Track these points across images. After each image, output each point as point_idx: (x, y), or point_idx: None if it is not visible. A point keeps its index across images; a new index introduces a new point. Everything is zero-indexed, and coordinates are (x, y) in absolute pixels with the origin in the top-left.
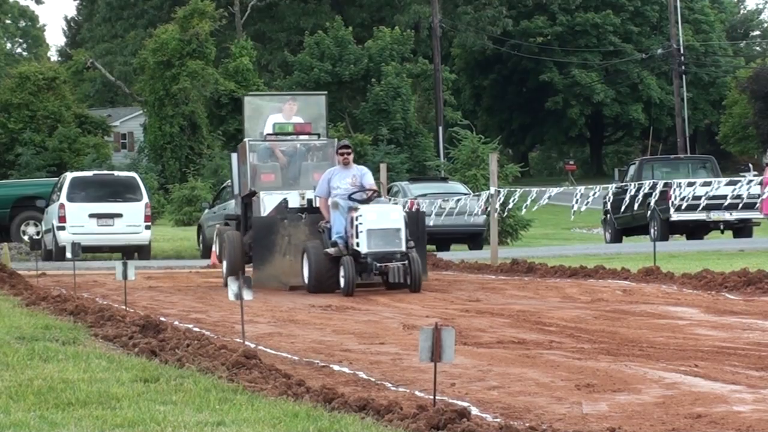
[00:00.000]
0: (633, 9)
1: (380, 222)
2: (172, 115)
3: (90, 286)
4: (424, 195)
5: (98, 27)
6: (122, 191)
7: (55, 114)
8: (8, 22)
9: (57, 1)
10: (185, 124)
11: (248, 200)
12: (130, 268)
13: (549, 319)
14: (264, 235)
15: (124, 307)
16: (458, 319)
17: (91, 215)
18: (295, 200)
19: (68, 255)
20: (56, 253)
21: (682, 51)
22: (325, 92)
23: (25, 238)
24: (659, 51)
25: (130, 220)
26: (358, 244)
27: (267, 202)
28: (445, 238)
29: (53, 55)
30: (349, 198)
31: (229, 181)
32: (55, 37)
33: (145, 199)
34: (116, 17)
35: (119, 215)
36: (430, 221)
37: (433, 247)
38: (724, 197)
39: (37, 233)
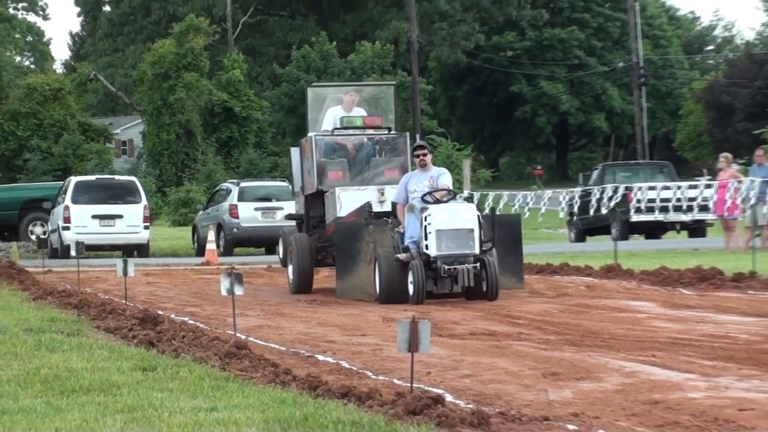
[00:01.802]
0: (596, 25)
1: (450, 222)
2: (169, 124)
3: (93, 282)
4: None
5: (100, 41)
6: (123, 194)
7: (61, 122)
8: (17, 36)
9: (62, 17)
10: (181, 132)
11: (312, 199)
12: (129, 266)
13: (518, 312)
14: (348, 242)
15: (124, 301)
16: (434, 313)
17: (94, 216)
18: (373, 197)
19: (72, 253)
20: (61, 252)
21: (641, 64)
22: (394, 82)
23: (33, 237)
24: (621, 64)
25: (130, 220)
26: (427, 247)
27: (344, 200)
28: None
29: (59, 68)
30: (422, 199)
31: (224, 184)
32: (61, 51)
33: (144, 201)
34: (117, 32)
35: (120, 216)
36: None
37: None
38: (680, 200)
39: (44, 233)
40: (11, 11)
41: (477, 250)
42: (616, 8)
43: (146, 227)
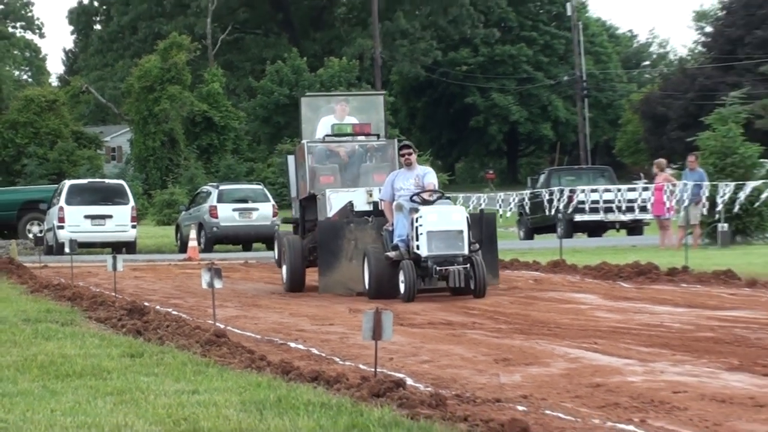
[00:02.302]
0: (543, 42)
1: (441, 224)
2: (154, 132)
3: (85, 276)
4: None
5: (92, 57)
6: (112, 196)
7: (55, 131)
8: (16, 53)
9: (57, 35)
10: (165, 140)
11: (306, 203)
12: (118, 261)
13: (472, 304)
14: (330, 239)
15: (113, 294)
16: (396, 305)
17: (86, 216)
18: (362, 198)
19: (66, 250)
20: (56, 248)
21: (584, 78)
22: (384, 92)
23: (30, 235)
24: (565, 78)
25: (119, 220)
26: (418, 247)
27: (333, 201)
28: None
29: (54, 81)
30: (411, 199)
31: (204, 187)
32: (55, 66)
33: (132, 202)
34: (107, 49)
35: (110, 216)
36: None
37: None
38: (620, 201)
39: (40, 231)
40: (10, 30)
41: (466, 251)
42: (561, 27)
43: (133, 226)
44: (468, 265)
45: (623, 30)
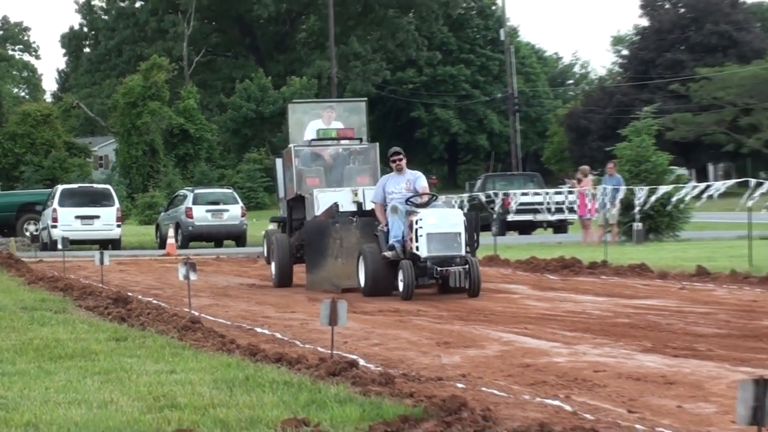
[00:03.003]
0: (480, 64)
1: (440, 226)
2: (137, 142)
3: (75, 269)
4: None
5: (82, 76)
6: (99, 199)
7: (49, 141)
8: (15, 73)
9: (51, 56)
10: (147, 149)
11: (293, 203)
12: (105, 256)
13: (416, 294)
14: (316, 238)
15: (101, 285)
16: (349, 294)
17: (77, 216)
18: (347, 198)
19: (59, 246)
20: (50, 245)
21: (515, 95)
22: (365, 99)
23: (27, 234)
24: (499, 95)
25: (106, 220)
26: (417, 248)
27: (321, 200)
28: None
29: (48, 98)
30: (407, 202)
31: (181, 191)
32: (50, 84)
33: (117, 204)
34: (95, 69)
35: (97, 217)
36: None
37: None
38: (548, 203)
39: (36, 230)
40: (10, 52)
41: (463, 252)
42: (495, 50)
43: (118, 225)
44: (467, 266)
45: (550, 52)
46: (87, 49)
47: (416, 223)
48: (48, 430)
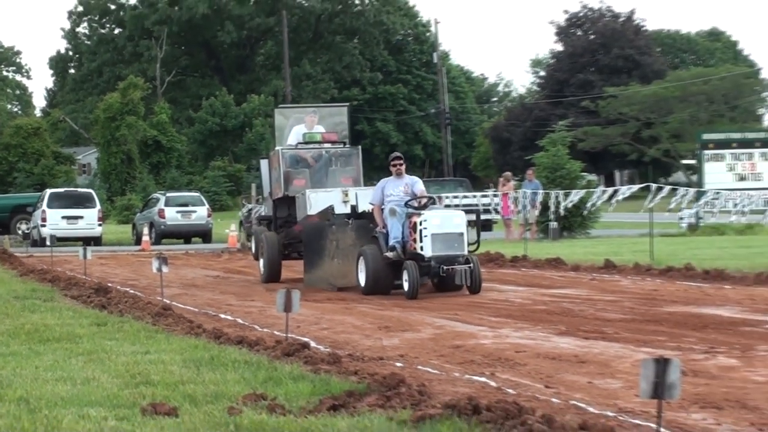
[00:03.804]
0: (415, 83)
1: (444, 227)
2: (116, 152)
3: (62, 263)
4: None
5: (67, 94)
6: (83, 201)
7: (39, 151)
8: (8, 91)
9: (40, 77)
10: (124, 158)
11: (279, 202)
12: (88, 252)
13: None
14: (314, 239)
15: (84, 276)
16: (300, 285)
17: (63, 217)
18: (338, 198)
19: (48, 243)
20: (40, 242)
21: (447, 111)
22: (347, 104)
23: (19, 232)
24: (432, 110)
25: (88, 220)
26: (421, 248)
27: (313, 200)
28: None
29: (38, 113)
30: (406, 205)
31: (154, 195)
32: (39, 101)
33: (98, 206)
34: (79, 88)
35: (81, 217)
36: None
37: None
38: (477, 205)
39: (28, 229)
40: (4, 73)
41: (466, 251)
42: (429, 71)
43: (100, 225)
44: (471, 265)
45: (477, 73)
46: (72, 70)
47: (420, 224)
48: (37, 404)
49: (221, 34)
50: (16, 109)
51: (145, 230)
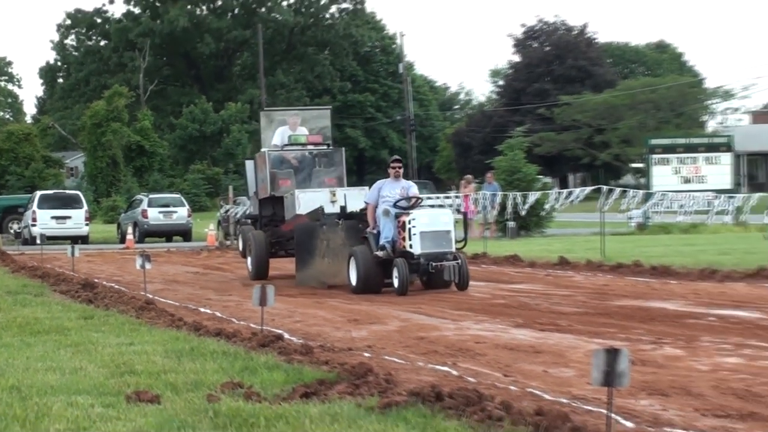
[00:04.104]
0: (382, 92)
1: (432, 225)
2: (102, 156)
3: (51, 260)
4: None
5: (56, 102)
6: (71, 202)
7: (30, 156)
8: (1, 99)
9: (31, 85)
10: (109, 162)
11: (264, 202)
12: (75, 250)
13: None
14: (306, 240)
15: (72, 273)
16: (276, 281)
17: (52, 217)
18: (326, 197)
19: (38, 242)
20: (30, 241)
21: (412, 117)
22: (330, 107)
23: (11, 231)
24: (398, 117)
25: (76, 220)
26: (410, 246)
27: (302, 200)
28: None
29: (28, 119)
30: (395, 205)
31: (138, 196)
32: (30, 108)
33: (85, 207)
34: (67, 96)
35: (69, 217)
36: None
37: None
38: (442, 205)
39: (19, 228)
40: None
41: (453, 248)
42: (395, 81)
43: (87, 224)
44: (459, 261)
45: (440, 83)
46: (60, 80)
47: (409, 222)
48: (29, 392)
49: (200, 45)
50: (8, 116)
51: (130, 229)
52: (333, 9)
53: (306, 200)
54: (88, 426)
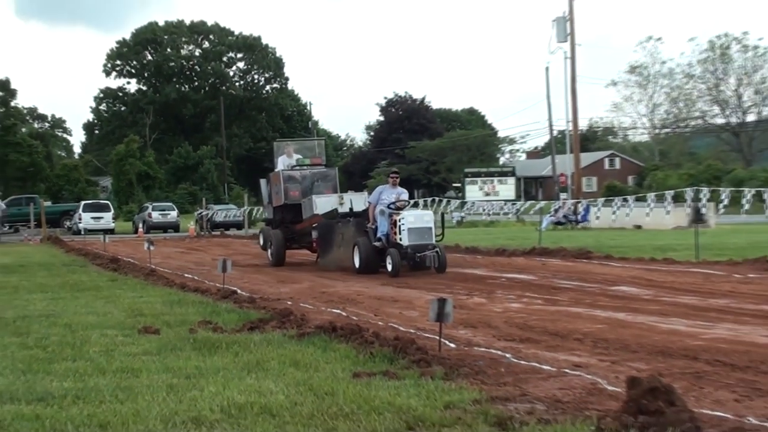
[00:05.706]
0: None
1: (417, 222)
2: (123, 180)
3: (91, 245)
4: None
5: (94, 145)
6: (103, 208)
7: (77, 179)
8: (58, 143)
9: (77, 135)
10: (128, 183)
11: (277, 208)
12: (106, 238)
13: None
14: (327, 233)
15: (104, 252)
16: (235, 256)
17: (91, 217)
18: (335, 201)
19: (82, 233)
20: (77, 232)
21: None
22: (324, 137)
23: (65, 226)
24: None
25: (107, 219)
26: (400, 239)
27: (318, 203)
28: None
29: (76, 156)
30: (389, 207)
31: (145, 204)
32: (77, 149)
33: (112, 211)
34: (101, 141)
35: (102, 217)
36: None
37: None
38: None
39: (71, 224)
40: (57, 133)
41: (434, 241)
42: (306, 132)
43: (113, 222)
44: (438, 250)
45: (335, 133)
46: (96, 131)
47: (399, 221)
48: (76, 327)
49: (185, 109)
50: (62, 154)
51: (140, 225)
52: (267, 87)
53: (321, 203)
54: (113, 348)
